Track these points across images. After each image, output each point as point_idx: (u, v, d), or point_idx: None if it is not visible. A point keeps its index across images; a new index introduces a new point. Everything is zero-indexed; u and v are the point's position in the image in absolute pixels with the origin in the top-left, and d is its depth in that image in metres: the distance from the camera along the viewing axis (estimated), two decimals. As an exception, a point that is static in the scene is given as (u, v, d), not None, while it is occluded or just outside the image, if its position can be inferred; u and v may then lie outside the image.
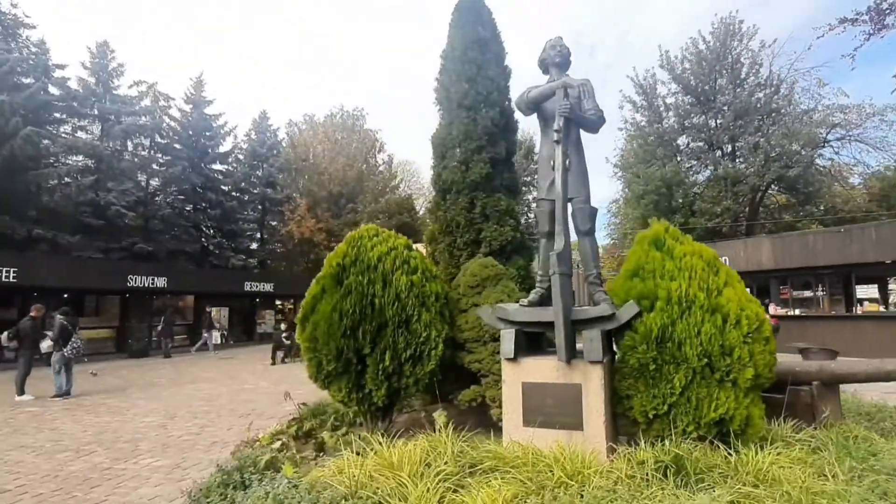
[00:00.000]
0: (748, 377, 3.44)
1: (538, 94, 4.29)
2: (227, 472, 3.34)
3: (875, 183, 25.30)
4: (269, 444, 4.50)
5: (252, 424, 5.95)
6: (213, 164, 27.68)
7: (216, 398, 10.27)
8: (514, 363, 3.98)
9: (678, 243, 3.97)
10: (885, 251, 13.40)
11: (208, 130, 27.19)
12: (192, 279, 22.48)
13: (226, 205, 26.72)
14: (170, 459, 6.09)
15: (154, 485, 5.20)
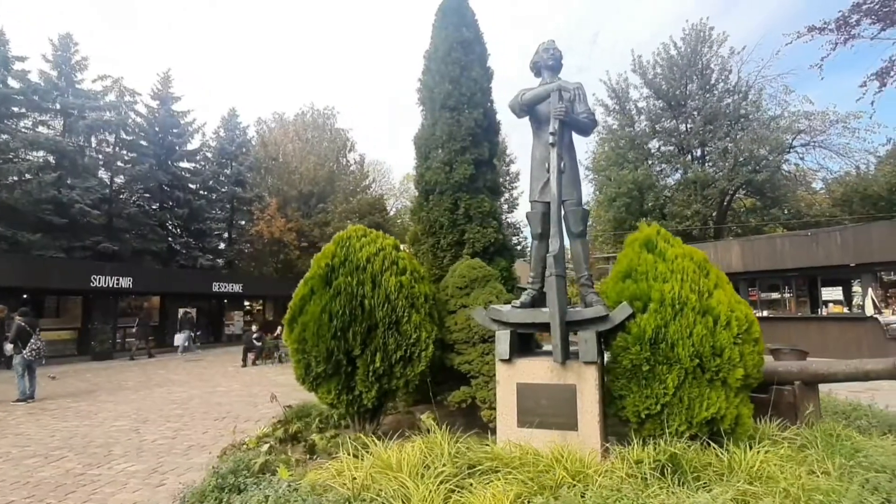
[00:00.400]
0: (738, 377, 3.52)
1: (533, 96, 4.30)
2: (222, 475, 3.23)
3: (837, 188, 26.36)
4: (256, 446, 4.37)
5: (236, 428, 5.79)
6: (180, 161, 26.96)
7: (188, 401, 10.00)
8: (508, 364, 3.96)
9: (669, 246, 4.04)
10: (849, 255, 13.95)
11: (176, 127, 26.47)
12: (159, 279, 21.81)
13: (194, 203, 26.02)
14: (145, 464, 5.92)
15: (132, 490, 5.03)
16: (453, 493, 2.89)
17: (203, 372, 14.61)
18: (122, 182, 24.25)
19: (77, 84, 21.77)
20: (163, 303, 22.49)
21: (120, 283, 18.47)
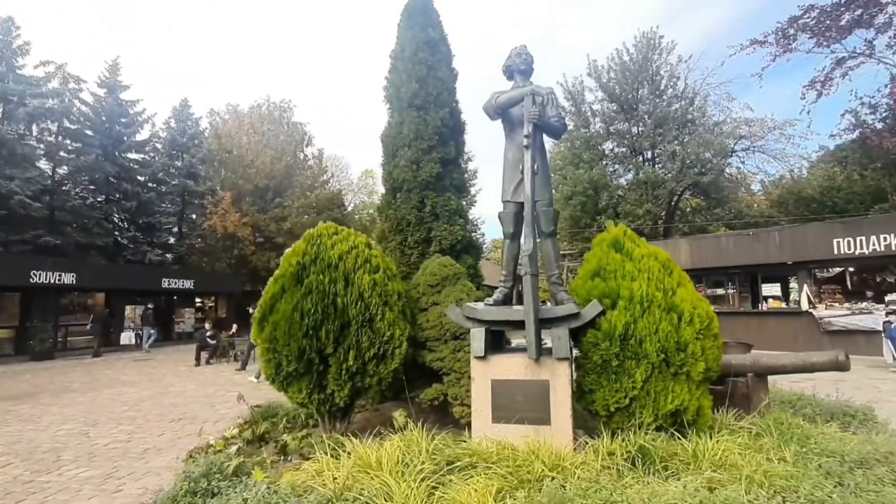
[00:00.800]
0: (700, 371, 3.73)
1: (507, 99, 4.37)
2: (194, 479, 3.11)
3: (774, 190, 28.15)
4: (223, 448, 4.24)
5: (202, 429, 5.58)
6: (128, 152, 25.55)
7: (140, 403, 9.54)
8: (483, 361, 4.02)
9: (636, 246, 4.21)
10: (787, 253, 14.95)
11: (124, 117, 25.07)
12: (105, 275, 20.64)
13: (142, 196, 24.70)
14: (99, 470, 5.62)
15: (87, 497, 4.78)
16: (435, 489, 2.92)
17: (153, 372, 13.97)
18: (65, 173, 22.74)
19: (18, 69, 20.25)
20: (108, 300, 21.34)
21: (62, 279, 17.38)
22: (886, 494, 2.55)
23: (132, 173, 25.19)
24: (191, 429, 7.38)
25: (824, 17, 13.15)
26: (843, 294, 14.86)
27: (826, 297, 14.90)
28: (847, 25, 13.00)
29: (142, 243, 24.87)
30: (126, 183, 24.19)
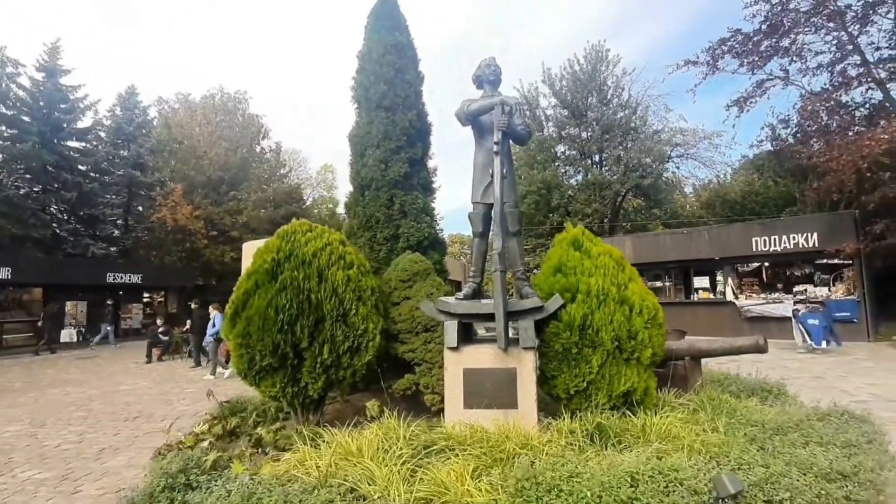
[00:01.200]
0: (648, 356, 4.20)
1: (478, 107, 4.67)
2: (172, 475, 3.16)
3: (703, 193, 30.48)
4: (194, 445, 4.29)
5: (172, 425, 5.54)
6: (68, 140, 23.89)
7: (89, 402, 9.17)
8: (456, 351, 4.32)
9: (593, 244, 4.64)
10: (715, 249, 16.42)
11: (64, 103, 23.42)
12: (43, 269, 19.34)
13: (84, 187, 23.18)
14: (53, 471, 5.47)
15: (44, 499, 4.69)
16: (415, 472, 3.16)
17: (101, 370, 13.34)
18: (-1, 161, 21.08)
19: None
20: (46, 295, 20.05)
21: (-2, 274, 16.16)
22: (798, 455, 3.07)
23: (72, 162, 23.58)
24: (147, 427, 7.23)
25: (747, 42, 14.49)
26: (759, 286, 16.53)
27: (746, 288, 16.51)
28: (766, 52, 14.44)
29: (83, 236, 23.41)
30: (66, 172, 22.66)
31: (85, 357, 16.51)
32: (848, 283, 14.47)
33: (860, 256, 13.63)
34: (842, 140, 12.66)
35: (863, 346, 12.66)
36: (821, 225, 14.57)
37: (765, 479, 2.70)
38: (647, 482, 2.54)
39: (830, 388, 7.90)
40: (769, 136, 17.96)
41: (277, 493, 2.81)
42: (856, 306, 13.82)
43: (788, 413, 3.92)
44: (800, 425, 3.59)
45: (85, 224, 23.99)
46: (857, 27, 13.85)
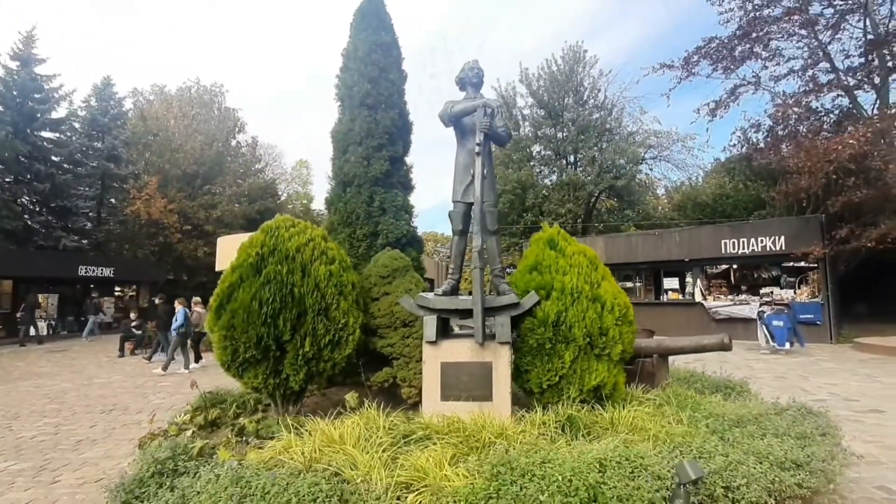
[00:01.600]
0: (618, 352, 4.41)
1: (461, 109, 4.80)
2: (160, 461, 3.21)
3: (676, 195, 31.24)
4: (177, 434, 4.32)
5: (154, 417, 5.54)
6: (42, 131, 23.38)
7: (63, 395, 9.07)
8: (434, 345, 4.45)
9: (568, 244, 4.83)
10: (684, 251, 16.92)
11: (38, 92, 22.91)
12: (14, 261, 19.01)
13: (57, 178, 22.68)
14: (29, 462, 5.46)
15: (22, 489, 4.69)
16: (396, 458, 3.29)
17: (73, 363, 13.13)
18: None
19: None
20: (16, 288, 19.58)
21: (-34, 265, 15.63)
22: (755, 445, 3.31)
23: (45, 153, 23.08)
24: (124, 419, 7.24)
25: (722, 48, 14.98)
26: (728, 287, 17.09)
27: (714, 290, 17.04)
28: (740, 56, 14.94)
29: (55, 228, 22.91)
30: (38, 163, 22.17)
31: (55, 350, 16.16)
32: (812, 286, 15.04)
33: (825, 260, 14.13)
34: (810, 144, 13.17)
35: (825, 348, 13.23)
36: (788, 228, 15.06)
37: (724, 467, 2.92)
38: (615, 468, 2.73)
39: (792, 387, 8.31)
40: (741, 140, 18.61)
41: (265, 476, 2.89)
42: (819, 309, 14.37)
43: (748, 407, 4.19)
44: (758, 419, 3.84)
45: (57, 216, 23.53)
46: (830, 34, 14.39)
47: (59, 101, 24.21)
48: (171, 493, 2.84)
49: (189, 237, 29.91)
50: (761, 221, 16.89)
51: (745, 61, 15.13)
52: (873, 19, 13.61)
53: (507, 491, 2.56)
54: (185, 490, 2.83)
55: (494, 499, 2.51)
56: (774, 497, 2.77)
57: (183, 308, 11.82)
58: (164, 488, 2.96)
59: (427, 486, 2.81)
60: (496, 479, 2.67)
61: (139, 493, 2.96)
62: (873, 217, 13.07)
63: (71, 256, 21.86)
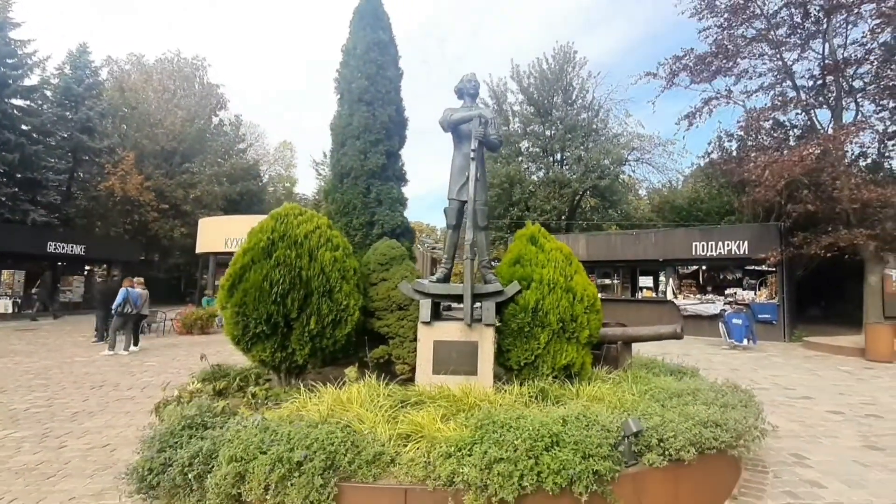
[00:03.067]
0: (585, 336, 5.07)
1: (459, 118, 5.38)
2: (189, 417, 3.73)
3: (655, 197, 32.25)
4: (190, 400, 4.83)
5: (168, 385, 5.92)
6: (13, 98, 22.63)
7: (46, 371, 9.21)
8: (428, 326, 5.05)
9: (546, 241, 5.47)
10: (659, 252, 17.81)
11: (11, 58, 22.21)
12: None
13: (27, 148, 21.96)
14: (31, 431, 5.72)
15: (30, 453, 4.99)
16: (395, 417, 3.91)
17: (47, 342, 13.14)
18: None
19: None
20: None
21: (-76, 237, 15.47)
22: (686, 410, 4.00)
23: (15, 121, 22.32)
24: (116, 395, 7.49)
25: (699, 62, 15.85)
26: (697, 287, 18.08)
27: (685, 289, 18.00)
28: (714, 70, 15.85)
29: (23, 201, 22.29)
30: (8, 132, 21.43)
31: (23, 329, 16.11)
32: (771, 289, 16.05)
33: (782, 264, 15.18)
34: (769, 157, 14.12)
35: (778, 346, 14.25)
36: (751, 234, 16.04)
37: (658, 424, 3.61)
38: (573, 422, 3.38)
39: (742, 377, 9.19)
40: (716, 147, 19.55)
41: (287, 427, 3.45)
42: (776, 309, 15.42)
43: (688, 384, 4.91)
44: (695, 392, 4.55)
45: (25, 188, 22.80)
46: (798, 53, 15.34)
47: (32, 68, 23.48)
48: (202, 441, 3.38)
49: (165, 216, 29.48)
50: (728, 227, 17.89)
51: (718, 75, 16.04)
52: (832, 45, 14.59)
53: (489, 437, 3.19)
54: (215, 439, 3.38)
55: (479, 443, 3.14)
56: (696, 447, 3.48)
57: (125, 288, 11.80)
58: (195, 438, 3.48)
59: (423, 437, 3.43)
60: (480, 430, 3.30)
61: (172, 442, 3.46)
62: (826, 227, 14.11)
63: (39, 231, 21.41)
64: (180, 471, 3.11)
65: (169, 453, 3.29)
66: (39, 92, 24.43)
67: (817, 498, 4.14)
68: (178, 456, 3.21)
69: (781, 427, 6.08)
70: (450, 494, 2.96)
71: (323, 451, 3.04)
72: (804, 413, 6.88)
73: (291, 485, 2.87)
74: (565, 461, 3.06)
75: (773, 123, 16.74)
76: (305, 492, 2.84)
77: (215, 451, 3.22)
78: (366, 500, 3.06)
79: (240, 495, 2.98)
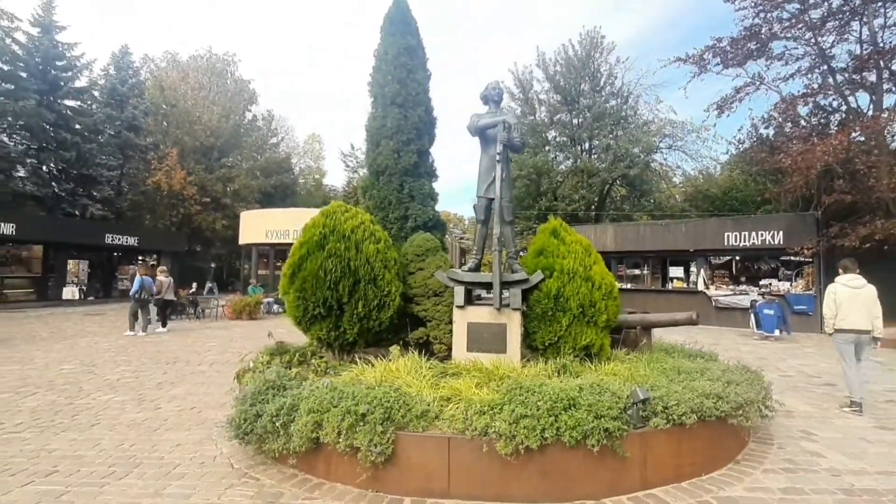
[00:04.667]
0: (603, 320, 5.63)
1: (485, 124, 5.99)
2: (271, 381, 4.54)
3: (688, 186, 31.73)
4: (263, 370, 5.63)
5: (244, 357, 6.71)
6: (65, 99, 24.28)
7: (125, 349, 10.34)
8: (462, 310, 5.72)
9: (568, 234, 6.04)
10: (690, 242, 17.85)
11: (60, 60, 23.70)
12: (45, 227, 20.26)
13: (82, 147, 23.73)
14: (127, 396, 6.66)
15: (134, 412, 5.90)
16: (437, 384, 4.60)
17: (115, 325, 14.51)
18: (-6, 117, 21.59)
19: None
20: (46, 253, 20.93)
21: (1, 230, 17.14)
22: (692, 384, 4.52)
23: (69, 121, 23.99)
24: (189, 369, 8.49)
25: (733, 46, 15.74)
26: (729, 278, 18.06)
27: (717, 280, 18.01)
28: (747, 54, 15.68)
29: (81, 196, 24.10)
30: (64, 132, 23.11)
31: (93, 314, 17.65)
32: (807, 279, 15.91)
33: (819, 255, 14.99)
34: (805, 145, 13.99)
35: (813, 337, 14.20)
36: (786, 224, 15.87)
37: (664, 395, 4.16)
38: (588, 389, 3.98)
39: (768, 366, 9.44)
40: (751, 134, 19.25)
41: (351, 387, 4.18)
42: (812, 300, 15.28)
43: (699, 364, 5.42)
44: (704, 371, 5.07)
45: (81, 184, 24.55)
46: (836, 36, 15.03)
47: (80, 70, 24.86)
48: (284, 398, 4.16)
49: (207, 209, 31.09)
50: (762, 216, 17.71)
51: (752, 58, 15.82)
52: (871, 27, 14.28)
53: (516, 399, 3.84)
54: (294, 396, 4.15)
55: (508, 404, 3.79)
56: (697, 414, 4.02)
57: (140, 276, 12.97)
58: (278, 396, 4.27)
59: (461, 399, 4.11)
60: (509, 394, 3.95)
61: (260, 399, 4.27)
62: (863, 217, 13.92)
63: (98, 224, 23.20)
64: (269, 420, 3.91)
65: (258, 407, 4.10)
66: (88, 93, 26.01)
67: (814, 465, 4.59)
68: (267, 409, 4.01)
69: (796, 409, 6.48)
70: (484, 442, 3.63)
71: (381, 407, 3.76)
72: (823, 398, 7.17)
73: (358, 431, 3.62)
74: (580, 419, 3.67)
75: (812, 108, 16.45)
76: (370, 436, 3.58)
77: (295, 405, 3.99)
78: (417, 445, 3.76)
79: (318, 438, 3.77)
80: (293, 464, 3.95)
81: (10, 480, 3.91)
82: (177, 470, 4.18)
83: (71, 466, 4.23)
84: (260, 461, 4.28)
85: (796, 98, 15.28)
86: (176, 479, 3.99)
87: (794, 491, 4.00)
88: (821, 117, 16.90)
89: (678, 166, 29.86)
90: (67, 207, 23.64)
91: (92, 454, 4.52)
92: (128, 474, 4.07)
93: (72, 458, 4.41)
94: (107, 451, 4.59)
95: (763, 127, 18.66)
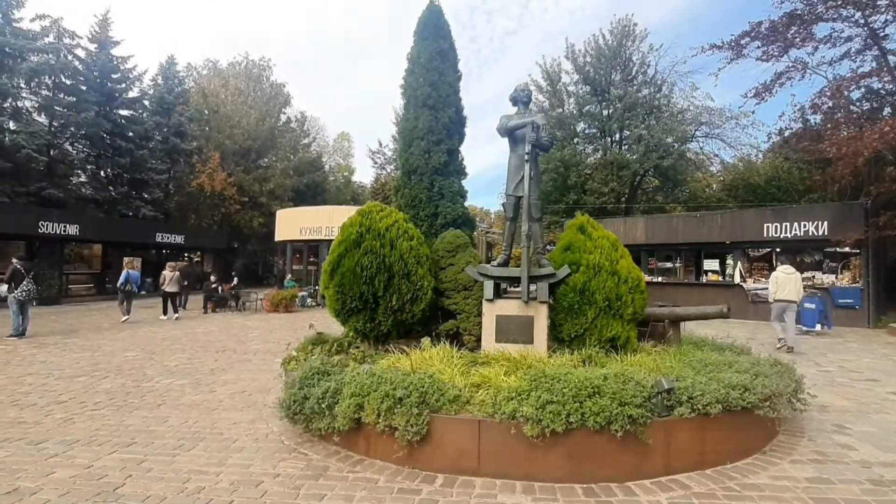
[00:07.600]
0: (629, 313, 5.78)
1: (514, 125, 6.20)
2: (315, 367, 4.94)
3: (727, 175, 30.71)
4: (306, 358, 6.05)
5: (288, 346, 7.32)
6: (120, 109, 26.19)
7: (179, 339, 11.14)
8: (491, 303, 5.99)
9: (594, 230, 6.20)
10: (725, 234, 17.35)
11: (115, 73, 25.55)
12: (104, 227, 22.04)
13: (135, 153, 25.56)
14: (185, 380, 7.32)
15: (193, 394, 6.51)
16: (467, 372, 4.90)
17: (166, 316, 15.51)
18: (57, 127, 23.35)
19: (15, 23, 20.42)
20: (105, 251, 22.71)
21: (67, 230, 18.56)
22: (718, 375, 4.62)
23: (124, 130, 25.88)
24: (236, 357, 9.14)
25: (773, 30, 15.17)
26: (769, 271, 17.46)
27: (755, 273, 17.48)
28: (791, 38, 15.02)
29: (135, 199, 25.95)
30: (119, 139, 24.96)
31: (146, 306, 18.77)
32: (854, 272, 15.09)
33: (867, 246, 14.24)
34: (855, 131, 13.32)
35: (859, 332, 13.61)
36: (831, 214, 15.07)
37: (689, 386, 4.30)
38: (613, 378, 4.18)
39: (807, 361, 9.15)
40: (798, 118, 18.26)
41: (389, 374, 4.53)
42: (859, 293, 14.58)
43: (727, 357, 5.50)
44: (732, 364, 5.17)
45: (135, 188, 26.53)
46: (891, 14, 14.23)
47: (133, 81, 26.80)
48: (329, 383, 4.54)
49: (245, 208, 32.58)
50: (805, 206, 16.96)
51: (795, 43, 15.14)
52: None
53: (542, 386, 4.09)
54: (337, 381, 4.53)
55: (535, 390, 4.04)
56: (722, 405, 4.15)
57: (126, 270, 14.35)
58: (323, 381, 4.67)
59: (491, 385, 4.40)
60: (535, 381, 4.20)
61: (307, 383, 4.68)
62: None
63: (149, 224, 24.97)
64: (316, 402, 4.31)
65: (306, 391, 4.52)
66: (139, 102, 27.90)
67: (844, 457, 4.59)
68: (313, 392, 4.42)
69: (832, 404, 6.39)
70: (512, 425, 3.90)
71: (416, 391, 4.09)
72: (862, 393, 7.01)
73: (396, 413, 3.96)
74: (604, 406, 3.89)
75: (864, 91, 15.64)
76: (407, 418, 3.92)
77: (339, 389, 4.38)
78: (450, 427, 4.07)
79: (359, 419, 4.16)
80: (337, 441, 4.35)
81: (98, 449, 4.53)
82: (235, 444, 4.69)
83: (146, 439, 4.80)
84: (307, 438, 4.71)
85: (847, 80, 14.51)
86: (235, 452, 4.49)
87: (821, 481, 4.06)
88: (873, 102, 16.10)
89: (715, 154, 28.85)
90: (122, 209, 25.54)
91: (162, 429, 5.09)
92: (195, 447, 4.62)
93: (146, 433, 4.98)
94: (174, 427, 5.15)
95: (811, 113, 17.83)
